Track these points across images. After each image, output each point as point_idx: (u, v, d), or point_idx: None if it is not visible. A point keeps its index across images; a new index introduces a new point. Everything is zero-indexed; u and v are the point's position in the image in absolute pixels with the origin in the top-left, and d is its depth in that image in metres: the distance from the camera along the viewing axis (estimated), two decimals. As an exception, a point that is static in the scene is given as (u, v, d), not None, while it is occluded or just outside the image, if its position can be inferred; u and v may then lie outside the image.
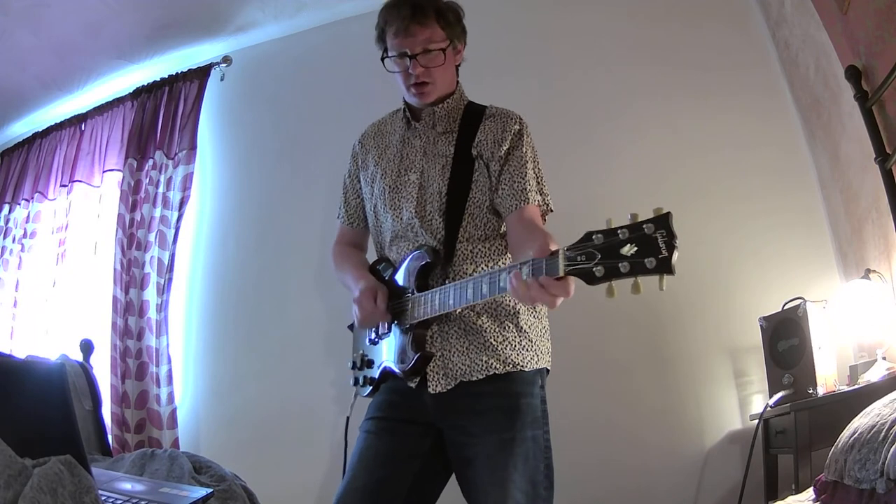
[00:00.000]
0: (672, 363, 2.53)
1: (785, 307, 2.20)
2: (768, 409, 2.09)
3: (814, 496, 1.44)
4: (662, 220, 0.95)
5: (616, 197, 2.60)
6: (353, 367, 1.62)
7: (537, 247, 1.12)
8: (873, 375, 1.91)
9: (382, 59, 1.54)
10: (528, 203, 1.47)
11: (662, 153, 2.70)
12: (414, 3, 1.48)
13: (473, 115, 1.58)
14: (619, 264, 0.96)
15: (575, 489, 1.92)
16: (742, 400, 2.46)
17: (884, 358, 1.94)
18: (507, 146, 1.52)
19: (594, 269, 0.99)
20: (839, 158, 2.32)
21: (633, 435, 2.49)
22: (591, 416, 2.49)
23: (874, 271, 2.07)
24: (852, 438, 1.32)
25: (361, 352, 1.60)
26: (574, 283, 1.07)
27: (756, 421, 2.17)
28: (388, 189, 1.58)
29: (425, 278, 1.46)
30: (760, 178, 2.57)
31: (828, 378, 2.03)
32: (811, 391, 2.00)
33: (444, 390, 1.45)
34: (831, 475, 1.37)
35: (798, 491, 1.80)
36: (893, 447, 1.15)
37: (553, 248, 1.09)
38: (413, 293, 1.45)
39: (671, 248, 0.93)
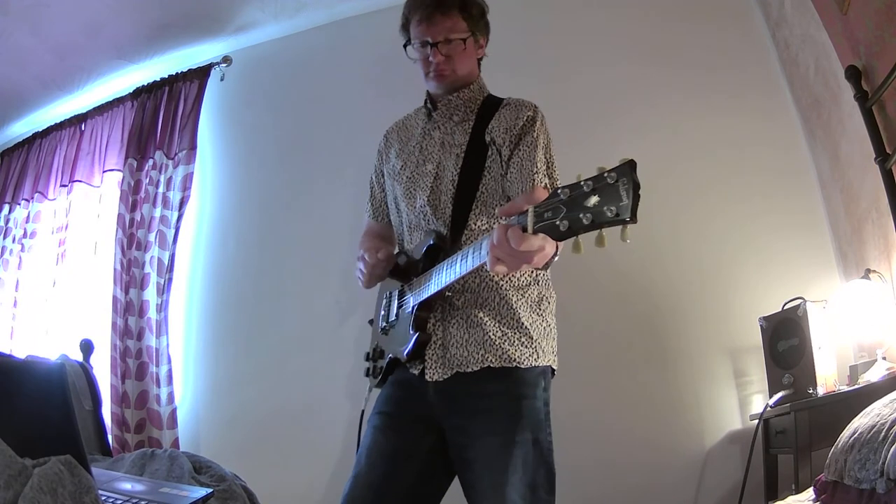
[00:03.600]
0: (672, 363, 2.53)
1: (785, 307, 2.20)
2: (768, 409, 2.09)
3: (814, 496, 1.44)
4: (624, 169, 0.91)
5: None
6: (367, 358, 1.66)
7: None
8: (873, 375, 1.91)
9: (405, 47, 1.59)
10: (534, 186, 1.45)
11: (662, 153, 2.69)
12: None
13: (490, 105, 1.61)
14: (582, 216, 0.93)
15: (574, 489, 1.92)
16: (742, 400, 2.45)
17: (884, 358, 1.94)
18: (519, 131, 1.53)
19: (559, 223, 0.95)
20: (839, 158, 2.31)
21: (632, 435, 2.49)
22: (590, 416, 2.49)
23: (874, 271, 2.07)
24: (852, 438, 1.32)
25: (376, 343, 1.64)
26: (542, 242, 1.03)
27: (756, 421, 2.17)
28: (406, 179, 1.62)
29: (432, 261, 1.48)
30: (760, 178, 2.57)
31: (828, 378, 2.03)
32: (811, 391, 2.00)
33: (441, 379, 1.46)
34: (831, 475, 1.37)
35: (798, 491, 1.80)
36: (893, 447, 1.15)
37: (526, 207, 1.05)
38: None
39: (633, 195, 0.89)
